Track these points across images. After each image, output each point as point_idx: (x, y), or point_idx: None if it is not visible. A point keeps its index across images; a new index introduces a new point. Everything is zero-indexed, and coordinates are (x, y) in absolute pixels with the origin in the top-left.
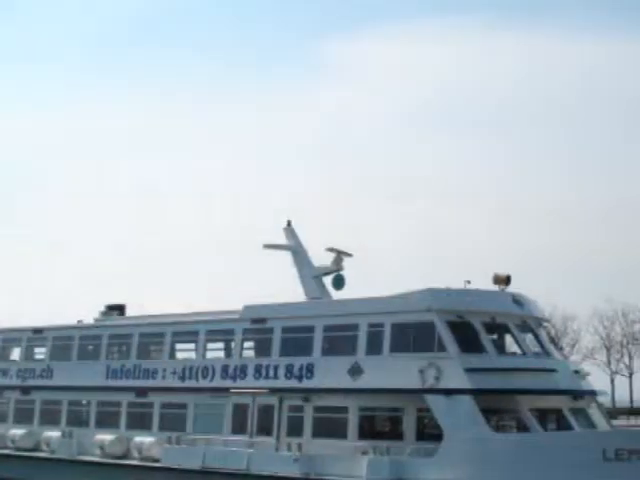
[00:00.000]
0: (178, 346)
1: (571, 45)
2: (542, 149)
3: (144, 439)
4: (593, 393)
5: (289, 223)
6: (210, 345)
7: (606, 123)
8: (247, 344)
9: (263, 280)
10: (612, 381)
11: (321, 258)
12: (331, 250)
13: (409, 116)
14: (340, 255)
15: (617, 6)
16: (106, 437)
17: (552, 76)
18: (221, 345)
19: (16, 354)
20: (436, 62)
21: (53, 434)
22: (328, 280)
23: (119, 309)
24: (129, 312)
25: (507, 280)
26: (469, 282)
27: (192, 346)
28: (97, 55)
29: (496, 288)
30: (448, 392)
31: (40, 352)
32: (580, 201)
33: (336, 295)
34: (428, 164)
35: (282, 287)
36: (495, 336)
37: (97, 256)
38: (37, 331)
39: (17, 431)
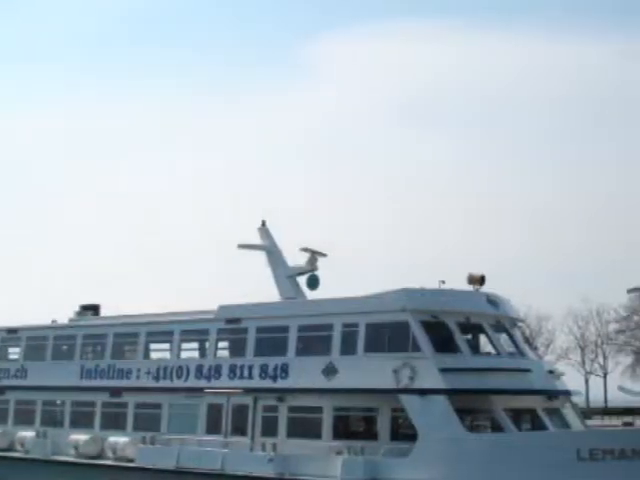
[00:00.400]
0: (152, 346)
1: (553, 45)
2: (525, 150)
3: (118, 439)
4: (567, 393)
5: (263, 223)
6: (184, 345)
7: (591, 124)
8: (222, 344)
9: (258, 280)
10: (586, 381)
11: (297, 258)
12: (305, 250)
13: (400, 112)
14: (314, 255)
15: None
16: (80, 437)
17: (536, 76)
18: (195, 345)
19: None
20: (420, 62)
21: (27, 434)
22: (303, 280)
23: (93, 309)
24: (104, 312)
25: (481, 280)
26: (443, 282)
27: (166, 346)
28: (97, 55)
29: (470, 288)
30: (422, 392)
31: (14, 352)
32: (558, 202)
33: (310, 295)
34: (414, 163)
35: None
36: (469, 336)
37: (97, 256)
38: (11, 331)
39: None
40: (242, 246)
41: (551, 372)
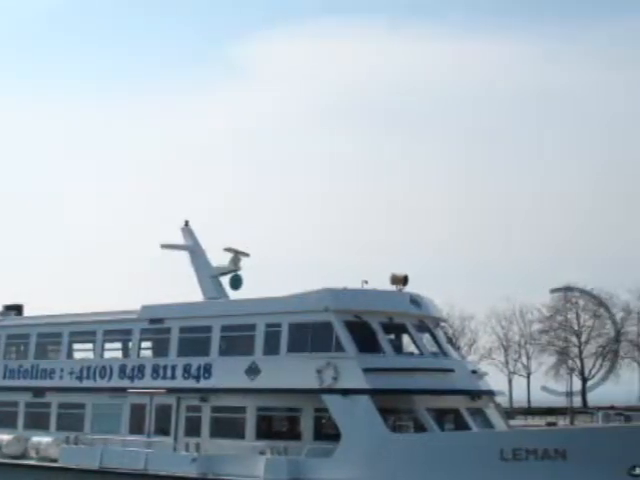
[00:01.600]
0: (76, 346)
1: (473, 44)
2: (446, 150)
3: (42, 439)
4: (491, 393)
5: (187, 223)
6: (108, 345)
7: (519, 120)
8: (145, 344)
9: (182, 280)
10: (510, 381)
11: (220, 258)
12: (229, 250)
13: (328, 112)
14: (238, 255)
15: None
16: (3, 437)
17: (455, 75)
18: (119, 345)
19: None
20: (351, 62)
21: None
22: (226, 280)
23: (17, 309)
24: (27, 312)
25: (404, 280)
26: (366, 282)
27: (90, 346)
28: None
29: (394, 288)
30: (345, 392)
31: None
32: (481, 202)
33: (234, 295)
34: (339, 164)
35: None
36: (393, 336)
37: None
38: None
39: None
40: (165, 246)
41: (474, 372)
